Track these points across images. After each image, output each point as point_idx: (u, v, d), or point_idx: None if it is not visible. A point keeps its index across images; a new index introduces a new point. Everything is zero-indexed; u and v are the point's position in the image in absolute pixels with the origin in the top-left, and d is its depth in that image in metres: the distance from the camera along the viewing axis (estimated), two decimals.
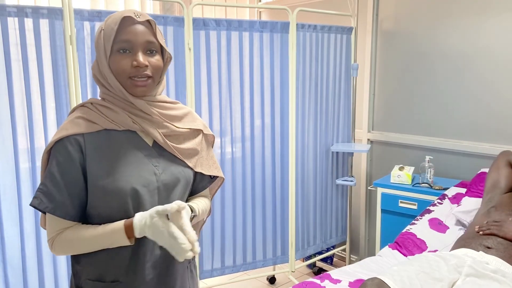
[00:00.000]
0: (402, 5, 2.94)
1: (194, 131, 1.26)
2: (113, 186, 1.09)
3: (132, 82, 1.10)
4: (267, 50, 2.66)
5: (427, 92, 2.88)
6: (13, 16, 1.97)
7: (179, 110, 1.23)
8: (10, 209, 2.05)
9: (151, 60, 1.11)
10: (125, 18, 1.09)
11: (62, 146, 1.09)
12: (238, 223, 2.74)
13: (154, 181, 1.15)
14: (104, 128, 1.12)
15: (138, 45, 1.09)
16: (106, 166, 1.10)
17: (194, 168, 1.24)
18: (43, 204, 1.08)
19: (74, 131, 1.09)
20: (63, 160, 1.08)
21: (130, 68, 1.09)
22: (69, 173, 1.08)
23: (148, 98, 1.15)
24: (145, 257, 1.15)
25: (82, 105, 1.16)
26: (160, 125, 1.17)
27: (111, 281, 1.14)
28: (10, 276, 2.08)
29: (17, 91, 2.02)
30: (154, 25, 1.13)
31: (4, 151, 2.02)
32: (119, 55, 1.09)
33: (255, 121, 2.71)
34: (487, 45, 2.58)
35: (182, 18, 2.37)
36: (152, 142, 1.18)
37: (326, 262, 3.46)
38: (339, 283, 1.88)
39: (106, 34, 1.09)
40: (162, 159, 1.18)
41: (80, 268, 1.17)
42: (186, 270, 1.28)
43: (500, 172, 2.16)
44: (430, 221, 2.30)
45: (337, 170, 3.14)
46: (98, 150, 1.11)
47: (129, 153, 1.14)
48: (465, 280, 1.57)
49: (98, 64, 1.13)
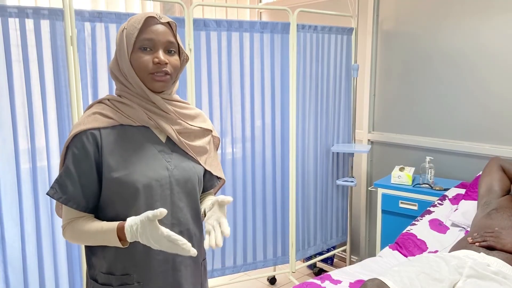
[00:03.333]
0: (403, 6, 2.94)
1: (205, 130, 1.31)
2: (127, 179, 1.13)
3: (152, 77, 1.15)
4: (268, 50, 2.67)
5: (428, 93, 2.88)
6: (14, 16, 1.97)
7: (192, 110, 1.29)
8: (10, 209, 2.06)
9: (170, 59, 1.17)
10: (148, 18, 1.15)
11: (78, 140, 1.14)
12: (239, 224, 2.74)
13: (167, 176, 1.19)
14: (119, 123, 1.17)
15: (159, 44, 1.15)
16: (121, 160, 1.14)
17: (204, 166, 1.29)
18: (57, 194, 1.14)
19: (91, 125, 1.14)
20: (78, 153, 1.13)
21: (152, 64, 1.14)
22: (83, 166, 1.13)
23: (164, 95, 1.21)
24: (156, 250, 1.17)
25: (99, 101, 1.22)
26: (174, 122, 1.22)
27: (122, 274, 1.18)
28: (11, 276, 2.08)
29: (18, 91, 2.03)
30: (175, 27, 1.20)
31: (5, 152, 2.02)
32: (140, 52, 1.14)
33: (256, 122, 2.71)
34: (487, 46, 2.58)
35: (183, 19, 2.37)
36: (166, 138, 1.23)
37: (326, 262, 3.46)
38: (340, 283, 1.88)
39: (128, 32, 1.14)
40: (175, 155, 1.22)
41: (95, 260, 1.20)
42: (200, 267, 1.31)
43: (492, 176, 2.18)
44: (431, 221, 2.30)
45: (337, 171, 3.14)
46: (113, 144, 1.15)
47: (144, 148, 1.18)
48: (466, 281, 1.57)
49: (118, 62, 1.18)
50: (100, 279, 1.19)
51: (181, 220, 1.22)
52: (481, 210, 2.05)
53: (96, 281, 1.20)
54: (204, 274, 1.33)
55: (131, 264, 1.17)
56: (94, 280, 1.20)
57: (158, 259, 1.19)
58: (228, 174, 2.66)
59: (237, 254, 2.77)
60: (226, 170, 2.65)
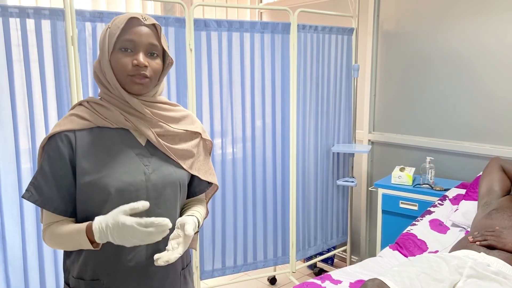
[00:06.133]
0: (403, 7, 2.94)
1: (192, 133, 1.26)
2: (99, 182, 1.10)
3: (131, 79, 1.11)
4: (268, 51, 2.67)
5: (428, 93, 2.88)
6: (15, 16, 1.97)
7: (178, 112, 1.24)
8: (11, 209, 2.06)
9: (151, 62, 1.13)
10: (132, 19, 1.12)
11: (53, 142, 1.12)
12: (239, 224, 2.74)
13: (143, 180, 1.14)
14: (96, 126, 1.14)
15: (140, 46, 1.11)
16: (95, 163, 1.11)
17: (189, 170, 1.23)
18: (33, 197, 1.11)
19: (66, 127, 1.12)
20: (53, 155, 1.11)
21: (131, 66, 1.11)
22: (58, 168, 1.11)
23: (144, 98, 1.16)
24: (127, 256, 1.14)
25: (79, 103, 1.19)
26: (154, 125, 1.18)
27: (91, 279, 1.15)
28: (11, 276, 2.09)
29: (19, 91, 2.03)
30: (160, 30, 1.16)
31: (6, 151, 2.03)
32: (120, 53, 1.11)
33: (256, 122, 2.71)
34: (488, 46, 2.59)
35: (183, 19, 2.38)
36: (146, 141, 1.19)
37: (326, 262, 3.46)
38: (340, 283, 1.88)
39: (111, 32, 1.12)
40: (154, 159, 1.18)
41: (69, 264, 1.19)
42: (179, 276, 1.26)
43: (493, 176, 2.18)
44: (431, 222, 2.30)
45: (338, 171, 3.14)
46: (88, 146, 1.12)
47: (120, 151, 1.14)
48: (466, 282, 1.57)
49: (100, 62, 1.15)
50: (71, 283, 1.17)
51: None
52: (481, 210, 2.06)
53: (68, 285, 1.19)
54: (184, 283, 1.27)
55: (101, 270, 1.14)
56: (67, 284, 1.19)
57: (130, 265, 1.15)
58: (228, 174, 2.66)
59: (238, 254, 2.77)
60: (226, 170, 2.65)
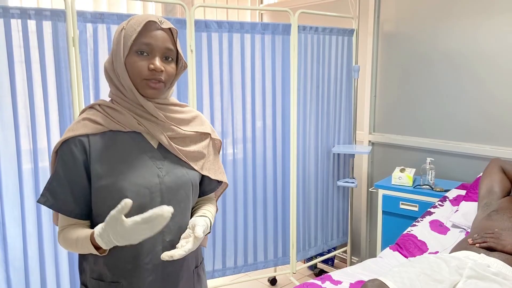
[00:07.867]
0: (403, 8, 2.94)
1: (202, 134, 1.27)
2: (114, 186, 1.11)
3: (146, 83, 1.12)
4: (269, 52, 2.67)
5: (428, 94, 2.88)
6: (16, 18, 1.98)
7: (188, 113, 1.25)
8: (12, 210, 2.06)
9: (166, 66, 1.13)
10: (149, 22, 1.11)
11: (67, 147, 1.12)
12: (240, 224, 2.75)
13: (157, 183, 1.16)
14: (109, 129, 1.15)
15: (157, 50, 1.11)
16: (109, 167, 1.12)
17: (200, 171, 1.24)
18: (48, 201, 1.13)
19: (80, 132, 1.12)
20: (68, 160, 1.12)
21: (147, 70, 1.10)
22: (73, 173, 1.12)
23: (157, 101, 1.17)
24: (146, 259, 1.16)
25: (91, 106, 1.19)
26: (166, 128, 1.18)
27: (111, 281, 1.16)
28: (13, 277, 2.09)
29: (20, 92, 2.03)
30: (175, 34, 1.16)
31: (7, 152, 2.03)
32: (136, 56, 1.11)
33: (257, 123, 2.72)
34: (488, 48, 2.59)
35: (184, 20, 2.38)
36: (158, 144, 1.19)
37: (327, 263, 3.46)
38: (340, 284, 1.88)
39: (127, 33, 1.11)
40: (167, 162, 1.19)
41: (86, 266, 1.19)
42: (193, 274, 1.28)
43: (493, 177, 2.18)
44: (431, 223, 2.30)
45: (338, 172, 3.14)
46: (102, 151, 1.13)
47: (133, 155, 1.15)
48: (466, 282, 1.57)
49: (113, 62, 1.14)
50: (90, 285, 1.17)
51: (171, 228, 1.18)
52: (481, 211, 2.06)
53: (86, 286, 1.19)
54: (197, 281, 1.30)
55: (120, 272, 1.15)
56: (85, 286, 1.19)
57: (147, 268, 1.16)
58: (229, 174, 2.67)
59: (238, 255, 2.77)
60: (227, 171, 2.66)
